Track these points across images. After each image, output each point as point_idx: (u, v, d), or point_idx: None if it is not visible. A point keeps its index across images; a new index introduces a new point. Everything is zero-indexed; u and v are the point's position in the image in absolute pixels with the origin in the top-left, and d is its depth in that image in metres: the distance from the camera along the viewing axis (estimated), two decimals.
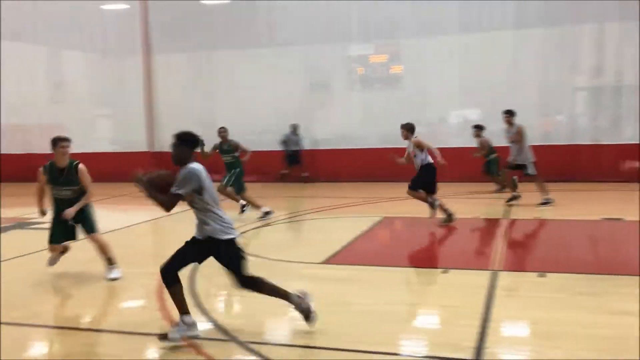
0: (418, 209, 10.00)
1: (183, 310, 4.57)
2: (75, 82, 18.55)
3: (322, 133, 16.55)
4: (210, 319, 5.07)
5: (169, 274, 4.54)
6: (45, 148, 6.84)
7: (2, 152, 18.30)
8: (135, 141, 17.50)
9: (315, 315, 4.72)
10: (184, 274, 6.51)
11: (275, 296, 4.76)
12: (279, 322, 5.19)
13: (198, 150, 4.85)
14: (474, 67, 15.08)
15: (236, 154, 10.43)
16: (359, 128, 16.13)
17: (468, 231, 9.64)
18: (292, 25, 16.28)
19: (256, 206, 10.30)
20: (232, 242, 4.58)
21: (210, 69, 17.38)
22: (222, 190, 10.11)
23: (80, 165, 6.58)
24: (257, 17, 16.65)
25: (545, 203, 10.69)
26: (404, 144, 9.48)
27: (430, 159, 9.21)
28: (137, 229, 10.11)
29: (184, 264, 4.65)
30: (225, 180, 10.32)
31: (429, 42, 15.45)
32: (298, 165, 16.10)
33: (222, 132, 10.45)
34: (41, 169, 6.64)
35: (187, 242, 4.69)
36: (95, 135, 18.80)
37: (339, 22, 16.02)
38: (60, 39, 18.13)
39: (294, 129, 16.07)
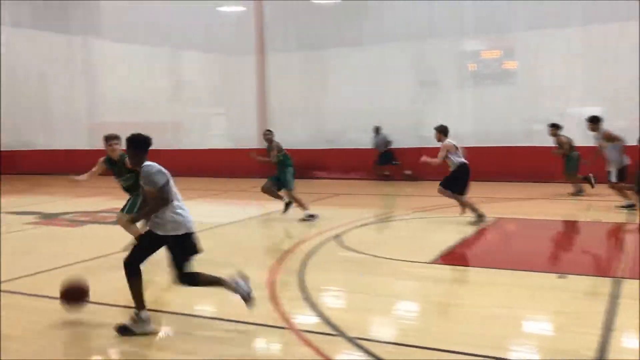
0: (533, 210, 9.60)
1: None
2: (193, 81, 19.54)
3: (430, 130, 16.29)
4: (319, 312, 5.15)
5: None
6: (167, 144, 7.27)
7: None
8: (248, 138, 18.13)
9: (253, 299, 4.87)
10: (293, 267, 6.69)
11: (209, 285, 4.94)
12: (388, 319, 5.18)
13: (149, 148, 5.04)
14: (597, 61, 14.22)
15: (284, 153, 10.27)
16: (469, 126, 15.72)
17: (587, 235, 9.13)
18: (401, 22, 16.17)
19: (279, 199, 10.23)
20: (184, 236, 4.77)
21: (321, 67, 17.66)
22: (290, 195, 10.14)
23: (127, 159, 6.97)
24: (367, 15, 16.70)
25: (627, 207, 10.06)
26: (513, 142, 9.20)
27: (463, 160, 9.34)
28: (248, 223, 10.46)
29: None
30: (287, 184, 10.14)
31: (547, 36, 14.74)
32: (389, 165, 16.05)
33: (267, 134, 10.38)
34: (101, 159, 7.36)
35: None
36: (211, 132, 19.71)
37: (450, 17, 15.70)
38: (181, 40, 19.14)
39: (376, 130, 16.07)
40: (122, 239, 7.58)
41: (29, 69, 21.46)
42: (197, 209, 12.32)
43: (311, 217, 10.04)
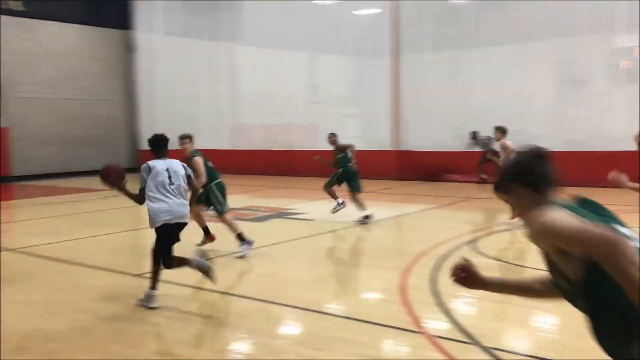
0: None
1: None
2: (329, 83, 19.88)
3: (575, 133, 15.30)
4: (451, 318, 5.03)
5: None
6: (304, 145, 7.46)
7: (266, 149, 20.53)
8: (380, 140, 18.16)
9: (213, 273, 5.43)
10: (425, 271, 6.59)
11: (181, 266, 5.50)
12: (524, 330, 4.94)
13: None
14: None
15: (343, 155, 10.47)
16: (621, 127, 14.53)
17: None
18: (542, 20, 15.36)
19: (361, 206, 10.19)
20: (161, 228, 5.44)
21: (456, 68, 17.25)
22: (326, 189, 10.46)
23: (195, 158, 7.57)
24: (505, 13, 16.04)
25: None
26: None
27: None
28: (380, 224, 10.46)
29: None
30: (330, 181, 10.46)
31: None
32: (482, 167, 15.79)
33: (331, 137, 10.79)
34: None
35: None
36: (344, 133, 19.94)
37: (599, 12, 14.64)
38: (319, 44, 19.57)
39: (473, 135, 15.95)
40: (260, 238, 7.88)
41: (179, 75, 23.13)
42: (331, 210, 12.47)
43: (340, 205, 10.27)
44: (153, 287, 5.55)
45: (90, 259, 7.63)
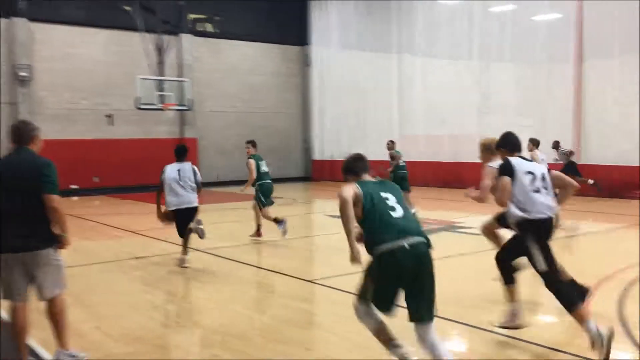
0: None
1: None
2: (501, 93, 19.10)
3: None
4: None
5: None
6: (474, 157, 7.28)
7: (433, 160, 20.31)
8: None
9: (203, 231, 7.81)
10: (609, 297, 6.03)
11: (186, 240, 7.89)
12: None
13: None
14: None
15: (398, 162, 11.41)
16: None
17: None
18: None
19: None
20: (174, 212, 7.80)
21: None
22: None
23: (249, 160, 9.63)
24: None
25: None
26: None
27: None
28: (560, 243, 9.78)
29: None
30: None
31: None
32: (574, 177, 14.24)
33: (389, 145, 11.80)
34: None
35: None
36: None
37: None
38: (492, 52, 18.95)
39: (555, 145, 15.39)
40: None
41: (349, 86, 23.77)
42: None
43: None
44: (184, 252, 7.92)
45: (267, 262, 8.12)
